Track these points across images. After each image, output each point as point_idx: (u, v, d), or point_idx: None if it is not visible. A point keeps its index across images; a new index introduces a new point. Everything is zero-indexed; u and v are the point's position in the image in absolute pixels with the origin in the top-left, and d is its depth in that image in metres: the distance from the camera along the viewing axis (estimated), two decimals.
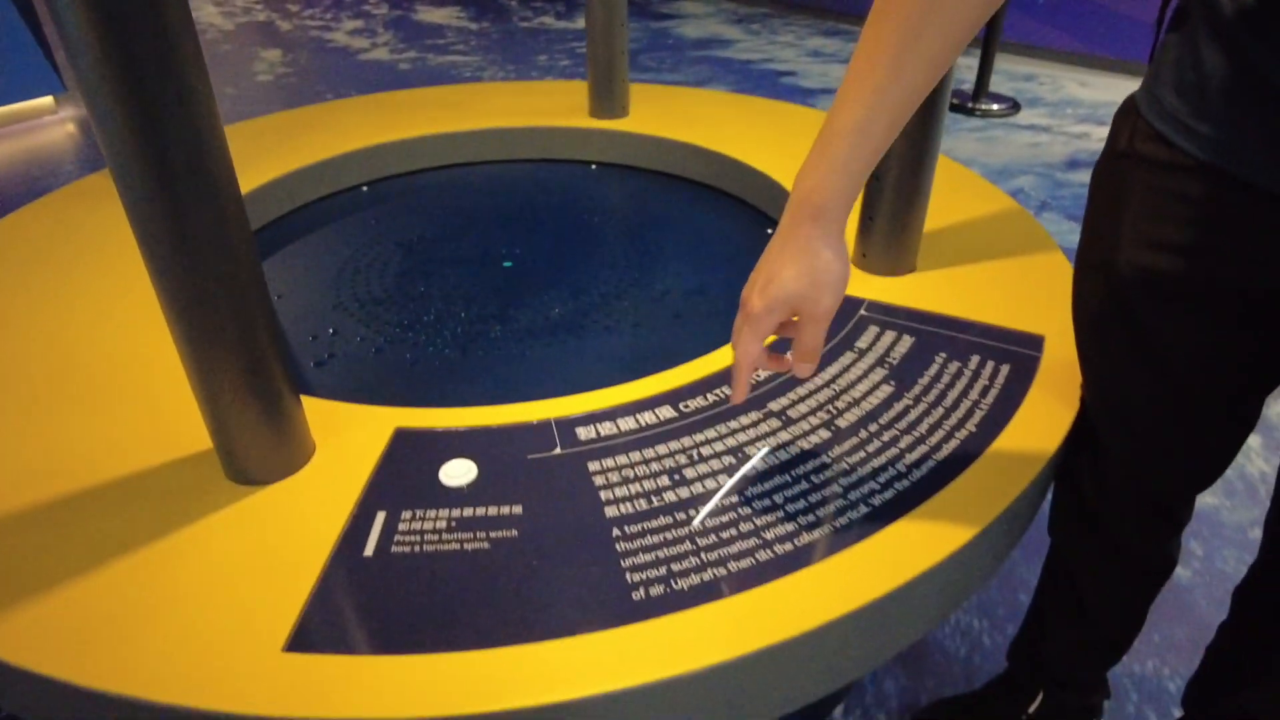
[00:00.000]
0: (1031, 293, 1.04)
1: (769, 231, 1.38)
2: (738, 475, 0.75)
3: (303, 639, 0.61)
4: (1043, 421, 0.82)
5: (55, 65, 3.39)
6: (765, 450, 0.78)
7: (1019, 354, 0.92)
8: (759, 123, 1.63)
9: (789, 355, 0.69)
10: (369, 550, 0.68)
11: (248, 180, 1.39)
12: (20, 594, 0.65)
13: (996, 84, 3.72)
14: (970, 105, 3.44)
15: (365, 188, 1.56)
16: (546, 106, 1.72)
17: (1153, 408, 0.78)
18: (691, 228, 1.40)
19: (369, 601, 0.64)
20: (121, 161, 0.60)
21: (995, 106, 3.43)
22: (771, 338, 0.67)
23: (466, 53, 4.50)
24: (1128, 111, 0.72)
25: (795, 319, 0.67)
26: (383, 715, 0.56)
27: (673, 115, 1.67)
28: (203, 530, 0.71)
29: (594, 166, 1.65)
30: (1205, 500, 1.57)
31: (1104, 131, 3.39)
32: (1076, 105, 3.56)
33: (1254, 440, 1.71)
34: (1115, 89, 3.75)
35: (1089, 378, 0.84)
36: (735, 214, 1.45)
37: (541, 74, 4.10)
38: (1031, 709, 1.08)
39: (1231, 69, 0.60)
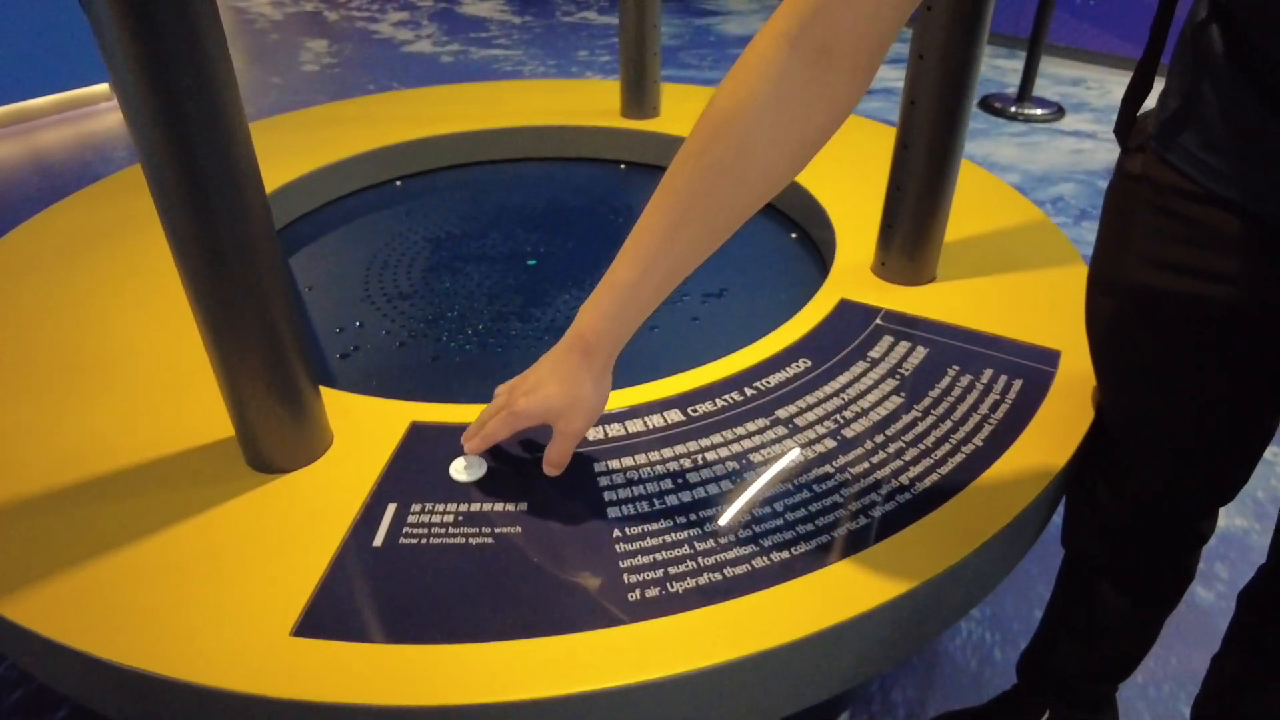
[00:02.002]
0: (1051, 306, 1.03)
1: (793, 236, 1.38)
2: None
3: (310, 624, 0.64)
4: (1049, 440, 0.82)
5: None
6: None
7: (1033, 369, 0.92)
8: None
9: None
10: (378, 541, 0.71)
11: (285, 173, 1.43)
12: (52, 569, 0.68)
13: (1042, 88, 3.65)
14: (1013, 110, 3.39)
15: (399, 182, 1.60)
16: (579, 106, 1.74)
17: (1166, 424, 0.79)
18: None
19: (376, 591, 0.66)
20: (152, 161, 0.62)
21: (1039, 111, 3.37)
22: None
23: (509, 46, 4.54)
24: (1139, 133, 0.72)
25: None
26: (382, 702, 0.58)
27: None
28: (221, 515, 0.74)
29: (623, 166, 1.66)
30: (1234, 523, 1.54)
31: None
32: None
33: None
34: None
35: (1104, 391, 0.84)
36: (758, 218, 1.44)
37: (581, 69, 4.13)
38: None
39: (1224, 103, 0.62)
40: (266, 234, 0.69)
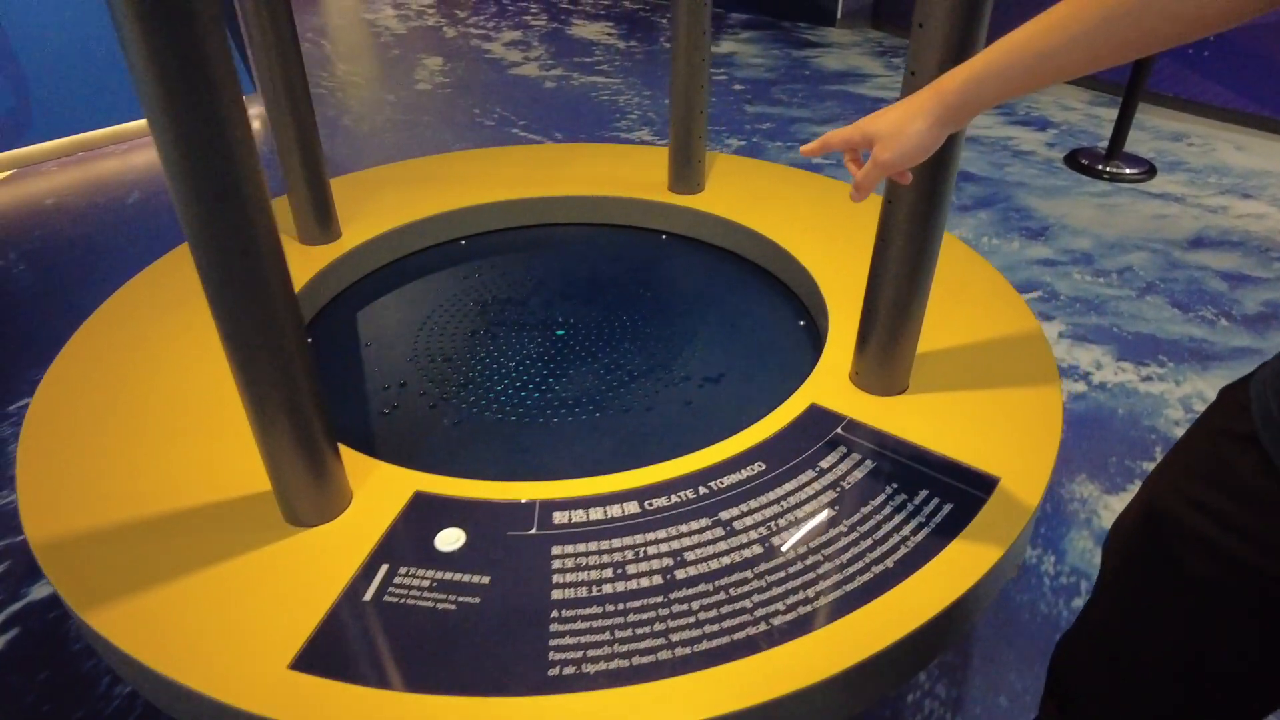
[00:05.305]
0: (1007, 429, 1.11)
1: (801, 323, 1.49)
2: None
3: (304, 661, 0.82)
4: (950, 573, 0.91)
5: (249, 65, 3.87)
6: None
7: (966, 493, 1.01)
8: (827, 210, 1.74)
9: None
10: (368, 596, 0.88)
11: (362, 231, 1.65)
12: (127, 589, 0.89)
13: (1140, 141, 3.56)
14: (1100, 167, 3.32)
15: (464, 241, 1.79)
16: (631, 176, 1.89)
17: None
18: (731, 311, 1.53)
19: (358, 640, 0.84)
20: (196, 246, 0.81)
21: (1128, 170, 3.29)
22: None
23: (610, 74, 4.74)
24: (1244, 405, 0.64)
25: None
26: None
27: (745, 195, 1.80)
28: (253, 560, 0.93)
29: (664, 237, 1.81)
30: None
31: (1246, 206, 3.17)
32: (1224, 173, 3.36)
33: None
34: (1277, 155, 3.51)
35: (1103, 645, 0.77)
36: (776, 302, 1.57)
37: None
38: None
39: None
40: (293, 326, 0.86)
